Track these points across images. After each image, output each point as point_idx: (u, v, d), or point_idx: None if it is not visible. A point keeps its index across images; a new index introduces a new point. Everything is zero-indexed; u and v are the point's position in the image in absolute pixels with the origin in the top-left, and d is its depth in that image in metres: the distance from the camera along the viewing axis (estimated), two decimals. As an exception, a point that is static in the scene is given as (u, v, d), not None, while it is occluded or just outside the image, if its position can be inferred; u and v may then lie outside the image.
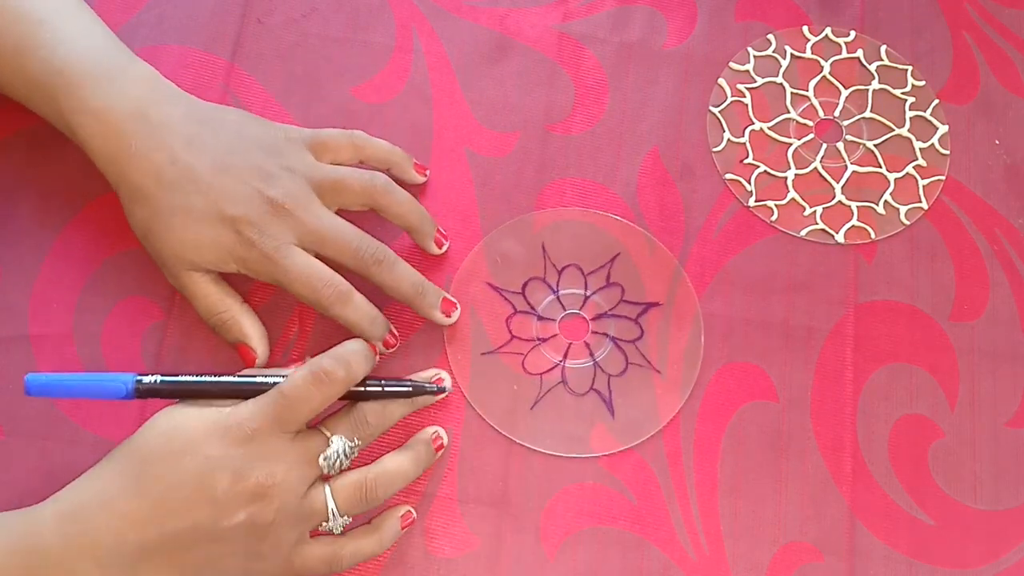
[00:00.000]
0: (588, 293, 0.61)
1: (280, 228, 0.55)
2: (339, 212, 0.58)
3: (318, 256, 0.56)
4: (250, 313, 0.58)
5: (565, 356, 0.60)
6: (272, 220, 0.55)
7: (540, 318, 0.61)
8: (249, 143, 0.57)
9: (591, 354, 0.60)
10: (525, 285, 0.61)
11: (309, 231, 0.56)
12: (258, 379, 0.53)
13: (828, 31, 0.68)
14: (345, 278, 0.56)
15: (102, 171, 0.57)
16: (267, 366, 0.58)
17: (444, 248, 0.61)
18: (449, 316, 0.59)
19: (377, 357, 0.57)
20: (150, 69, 0.58)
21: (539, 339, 0.60)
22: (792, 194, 0.64)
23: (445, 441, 0.57)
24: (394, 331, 0.59)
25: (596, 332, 0.60)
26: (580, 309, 0.61)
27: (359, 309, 0.56)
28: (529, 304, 0.61)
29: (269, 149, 0.57)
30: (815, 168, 0.65)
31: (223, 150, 0.56)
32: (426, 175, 0.63)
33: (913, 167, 0.65)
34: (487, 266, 0.61)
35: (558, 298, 0.61)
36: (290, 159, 0.57)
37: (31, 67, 0.56)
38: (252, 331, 0.57)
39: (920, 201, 0.64)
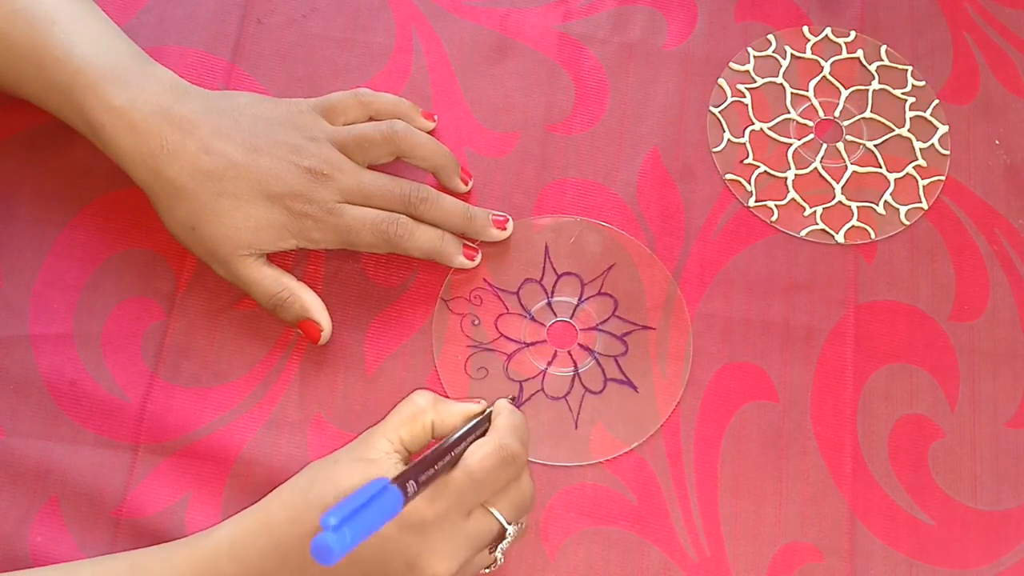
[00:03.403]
0: (578, 302, 0.61)
1: (325, 193, 0.57)
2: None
3: None
4: (307, 289, 0.58)
5: (549, 363, 0.60)
6: (316, 188, 0.56)
7: (532, 319, 0.60)
8: (269, 122, 0.58)
9: (575, 365, 0.60)
10: (521, 286, 0.61)
11: (352, 190, 0.57)
12: (464, 430, 0.49)
13: (828, 31, 0.68)
14: None
15: (128, 171, 0.57)
16: (269, 370, 0.58)
17: (469, 186, 0.62)
18: (504, 229, 0.61)
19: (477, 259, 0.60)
20: (166, 70, 0.58)
21: (526, 343, 0.60)
22: (792, 194, 0.64)
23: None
24: (468, 242, 0.60)
25: (582, 345, 0.60)
26: (570, 318, 0.60)
27: (427, 232, 0.58)
28: (522, 305, 0.61)
29: (287, 124, 0.58)
30: (815, 168, 0.65)
31: (248, 133, 0.57)
32: (435, 120, 0.64)
33: (913, 167, 0.65)
34: (486, 264, 0.61)
35: (550, 304, 0.61)
36: (309, 128, 0.58)
37: (47, 68, 0.56)
38: (314, 305, 0.58)
39: (920, 201, 0.64)
